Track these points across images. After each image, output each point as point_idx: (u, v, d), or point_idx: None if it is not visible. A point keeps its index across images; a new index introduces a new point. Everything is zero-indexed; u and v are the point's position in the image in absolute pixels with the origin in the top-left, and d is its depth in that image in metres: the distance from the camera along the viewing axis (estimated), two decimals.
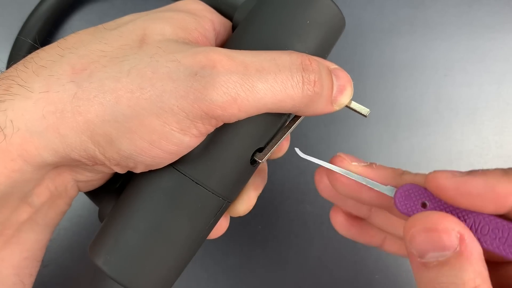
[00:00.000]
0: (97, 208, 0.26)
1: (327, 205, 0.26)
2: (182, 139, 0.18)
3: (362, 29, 0.35)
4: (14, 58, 0.31)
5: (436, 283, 0.17)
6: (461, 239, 0.17)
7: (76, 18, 0.35)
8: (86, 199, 0.24)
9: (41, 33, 0.32)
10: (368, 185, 0.20)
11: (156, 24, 0.20)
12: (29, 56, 0.20)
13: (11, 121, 0.17)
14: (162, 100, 0.17)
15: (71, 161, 0.19)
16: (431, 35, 0.35)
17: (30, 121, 0.17)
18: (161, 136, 0.18)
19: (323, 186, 0.24)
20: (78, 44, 0.19)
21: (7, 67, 0.31)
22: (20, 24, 0.32)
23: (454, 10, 0.35)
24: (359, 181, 0.21)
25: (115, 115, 0.18)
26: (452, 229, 0.17)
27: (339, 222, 0.25)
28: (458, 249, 0.17)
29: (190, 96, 0.17)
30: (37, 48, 0.20)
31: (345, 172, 0.21)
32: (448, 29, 0.35)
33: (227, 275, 0.33)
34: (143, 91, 0.17)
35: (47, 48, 0.20)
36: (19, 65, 0.19)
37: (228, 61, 0.18)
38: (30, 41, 0.31)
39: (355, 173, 0.21)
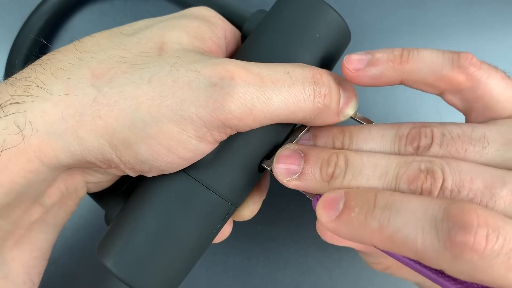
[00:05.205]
0: (97, 207, 0.26)
1: None
2: (198, 145, 0.19)
3: (362, 29, 0.35)
4: (13, 58, 0.31)
5: None
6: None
7: (77, 19, 0.35)
8: (85, 198, 0.24)
9: (42, 33, 0.32)
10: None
11: (173, 33, 0.20)
12: (45, 57, 0.20)
13: (30, 123, 0.17)
14: (182, 108, 0.18)
15: (86, 163, 0.19)
16: (432, 36, 0.35)
17: (49, 123, 0.18)
18: (179, 143, 0.19)
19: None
20: (96, 48, 0.20)
21: (6, 68, 0.32)
22: (20, 24, 0.32)
23: (454, 11, 0.35)
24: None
25: (135, 120, 0.18)
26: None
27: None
28: None
29: (210, 105, 0.18)
30: (37, 47, 0.20)
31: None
32: (448, 29, 0.35)
33: (227, 275, 0.33)
34: (163, 99, 0.18)
35: (63, 50, 0.20)
36: (36, 66, 0.19)
37: (245, 73, 0.18)
38: (33, 36, 0.31)
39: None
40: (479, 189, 0.17)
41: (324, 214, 0.19)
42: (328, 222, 0.19)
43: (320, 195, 0.20)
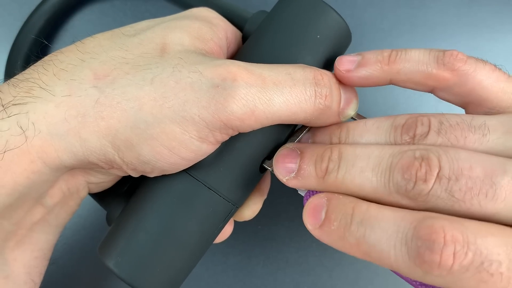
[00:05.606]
0: (97, 207, 0.26)
1: None
2: (200, 146, 0.19)
3: (363, 29, 0.35)
4: (13, 58, 0.31)
5: None
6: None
7: (76, 18, 0.35)
8: (86, 198, 0.24)
9: (42, 33, 0.32)
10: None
11: (174, 33, 0.20)
12: (47, 58, 0.20)
13: (33, 124, 0.18)
14: (184, 109, 0.18)
15: (88, 164, 0.19)
16: (431, 35, 0.35)
17: (52, 124, 0.18)
18: (181, 143, 0.19)
19: None
20: (98, 49, 0.20)
21: (6, 68, 0.32)
22: (20, 24, 0.32)
23: (454, 10, 0.35)
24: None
25: (137, 121, 0.18)
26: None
27: None
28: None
29: (212, 106, 0.18)
30: (38, 47, 0.20)
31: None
32: (448, 29, 0.35)
33: (227, 275, 0.33)
34: (166, 100, 0.18)
35: (65, 50, 0.20)
36: (38, 67, 0.19)
37: (247, 74, 0.19)
38: (33, 36, 0.31)
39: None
40: (479, 177, 0.16)
41: (308, 221, 0.19)
42: (313, 230, 0.19)
43: (309, 193, 0.21)
